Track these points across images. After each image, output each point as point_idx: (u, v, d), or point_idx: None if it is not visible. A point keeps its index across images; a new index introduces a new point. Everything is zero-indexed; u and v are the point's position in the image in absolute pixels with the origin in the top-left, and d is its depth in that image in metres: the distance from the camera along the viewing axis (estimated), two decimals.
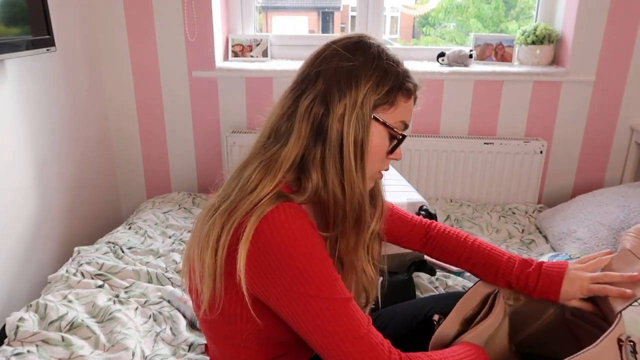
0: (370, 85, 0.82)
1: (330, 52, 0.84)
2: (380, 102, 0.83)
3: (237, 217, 0.77)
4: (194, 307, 0.93)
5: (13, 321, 1.28)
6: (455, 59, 2.22)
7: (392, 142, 0.87)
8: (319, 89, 0.82)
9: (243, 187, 0.80)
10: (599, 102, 2.20)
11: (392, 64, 0.84)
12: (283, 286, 0.75)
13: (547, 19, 2.27)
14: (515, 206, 2.21)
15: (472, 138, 2.23)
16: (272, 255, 0.74)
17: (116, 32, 2.20)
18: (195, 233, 0.86)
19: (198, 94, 2.28)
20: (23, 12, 1.54)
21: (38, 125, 1.79)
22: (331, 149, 0.81)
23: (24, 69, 1.70)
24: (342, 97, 0.81)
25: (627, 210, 1.75)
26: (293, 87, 0.86)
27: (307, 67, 0.86)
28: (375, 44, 0.85)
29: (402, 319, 1.10)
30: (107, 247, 1.74)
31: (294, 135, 0.82)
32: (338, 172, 0.82)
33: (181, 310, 1.44)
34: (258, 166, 0.82)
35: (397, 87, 0.84)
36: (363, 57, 0.83)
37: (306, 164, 0.82)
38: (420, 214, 1.40)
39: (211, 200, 0.86)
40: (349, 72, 0.82)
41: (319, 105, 0.82)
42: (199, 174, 2.41)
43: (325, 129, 0.81)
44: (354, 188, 0.82)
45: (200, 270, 0.81)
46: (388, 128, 0.85)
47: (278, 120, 0.85)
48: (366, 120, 0.82)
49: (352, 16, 2.71)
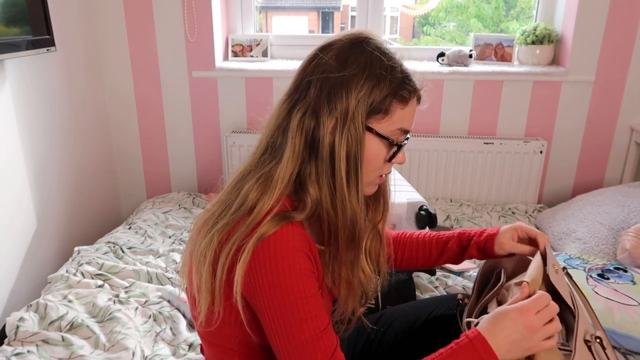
0: (362, 96, 0.78)
1: (322, 59, 0.81)
2: (373, 112, 0.80)
3: (236, 240, 0.77)
4: (191, 312, 0.93)
5: (13, 321, 1.29)
6: (455, 59, 2.22)
7: (391, 149, 0.84)
8: (310, 101, 0.80)
9: (242, 205, 0.79)
10: (598, 102, 2.20)
11: (387, 70, 0.80)
12: (267, 308, 0.77)
13: (547, 19, 2.27)
14: (515, 206, 2.21)
15: (472, 138, 2.23)
16: (263, 278, 0.75)
17: (116, 32, 2.20)
18: (192, 241, 0.86)
19: (198, 94, 2.28)
20: (23, 12, 1.54)
21: (38, 125, 1.79)
22: (324, 164, 0.79)
23: (24, 69, 1.70)
24: (332, 109, 0.78)
25: (627, 210, 1.75)
26: (288, 95, 0.84)
27: (300, 74, 0.84)
28: (369, 49, 0.81)
29: (403, 320, 1.10)
30: (107, 247, 1.74)
31: (288, 152, 0.80)
32: (330, 188, 0.80)
33: (181, 310, 1.44)
34: (255, 183, 0.80)
35: (391, 94, 0.80)
36: (354, 64, 0.79)
37: (303, 180, 0.81)
38: (421, 214, 1.40)
39: (211, 206, 0.85)
40: (339, 83, 0.79)
41: (310, 118, 0.79)
42: (199, 173, 2.41)
43: (318, 143, 0.79)
44: (345, 205, 0.80)
45: (197, 282, 0.82)
46: (383, 138, 0.82)
47: (273, 133, 0.83)
48: (359, 133, 0.79)
49: (352, 16, 2.71)
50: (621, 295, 1.32)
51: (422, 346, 0.85)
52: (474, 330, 0.79)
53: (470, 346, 0.77)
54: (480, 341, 0.77)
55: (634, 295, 1.32)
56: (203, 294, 0.81)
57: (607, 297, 1.32)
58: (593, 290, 1.35)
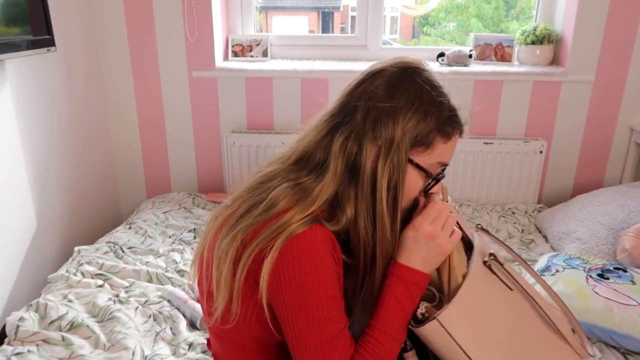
0: (408, 128, 0.79)
1: (370, 86, 0.82)
2: (417, 144, 0.81)
3: (260, 242, 0.77)
4: (204, 306, 0.93)
5: (13, 321, 1.29)
6: (455, 59, 2.22)
7: (427, 180, 0.85)
8: (354, 126, 0.81)
9: (269, 208, 0.79)
10: (598, 102, 2.20)
11: (435, 105, 0.81)
12: (289, 306, 0.77)
13: (547, 19, 2.27)
14: (515, 206, 2.21)
15: (472, 138, 2.22)
16: (289, 276, 0.76)
17: (116, 32, 2.20)
18: (209, 236, 0.86)
19: (198, 94, 2.29)
20: (23, 12, 1.54)
21: (38, 125, 1.79)
22: (364, 190, 0.81)
23: (24, 69, 1.70)
24: (377, 137, 0.80)
25: (627, 210, 1.75)
26: (331, 114, 0.85)
27: (347, 95, 0.85)
28: (419, 81, 0.82)
29: None
30: (107, 247, 1.74)
31: (330, 172, 0.81)
32: (370, 214, 0.81)
33: (181, 310, 1.44)
34: (288, 190, 0.80)
35: (436, 129, 0.82)
36: (404, 96, 0.80)
37: (341, 200, 0.82)
38: None
39: (230, 202, 0.86)
40: (387, 112, 0.80)
41: (353, 143, 0.81)
42: (199, 173, 2.41)
43: (359, 169, 0.80)
44: (385, 233, 0.81)
45: (217, 278, 0.82)
46: (422, 171, 0.83)
47: (313, 146, 0.84)
48: (402, 164, 0.80)
49: (352, 16, 2.71)
50: (621, 295, 1.32)
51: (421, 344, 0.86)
52: (393, 262, 0.83)
53: (397, 279, 0.81)
54: (401, 269, 0.82)
55: (633, 295, 1.32)
56: (222, 291, 0.81)
57: (607, 297, 1.32)
58: (593, 290, 1.35)
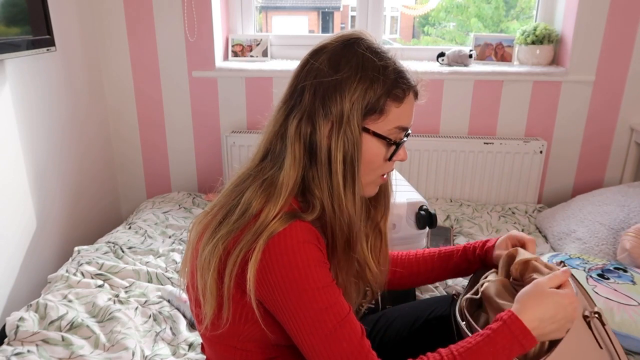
0: (356, 98, 0.79)
1: (314, 64, 0.81)
2: (368, 113, 0.80)
3: (243, 247, 0.76)
4: (193, 312, 0.93)
5: (13, 321, 1.29)
6: (455, 59, 2.22)
7: (390, 148, 0.84)
8: (305, 106, 0.81)
9: (245, 212, 0.79)
10: (598, 102, 2.20)
11: (379, 70, 0.80)
12: (285, 304, 0.76)
13: (547, 19, 2.27)
14: (515, 206, 2.21)
15: (472, 138, 2.23)
16: (277, 274, 0.75)
17: (116, 32, 2.20)
18: (191, 244, 0.86)
19: (198, 94, 2.29)
20: (23, 12, 1.54)
21: (38, 125, 1.79)
22: (322, 168, 0.80)
23: (24, 69, 1.70)
24: (327, 113, 0.79)
25: (627, 210, 1.75)
26: (283, 102, 0.85)
27: (295, 78, 0.84)
28: (360, 50, 0.81)
29: (403, 320, 1.10)
30: (107, 247, 1.74)
31: (289, 159, 0.80)
32: (329, 191, 0.80)
33: (181, 310, 1.44)
34: (258, 190, 0.80)
35: (385, 94, 0.80)
36: (347, 67, 0.79)
37: (308, 184, 0.81)
38: (420, 214, 1.40)
39: (209, 209, 0.85)
40: (333, 87, 0.79)
41: (307, 123, 0.80)
42: (199, 173, 2.41)
43: (316, 148, 0.80)
44: (342, 208, 0.80)
45: (202, 288, 0.82)
46: (382, 138, 0.82)
47: (272, 139, 0.84)
48: (355, 135, 0.79)
49: (352, 16, 2.71)
50: (621, 295, 1.32)
51: (422, 346, 0.85)
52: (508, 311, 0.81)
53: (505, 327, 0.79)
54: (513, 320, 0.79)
55: (634, 295, 1.32)
56: (208, 300, 0.81)
57: (607, 297, 1.32)
58: (593, 290, 1.35)
